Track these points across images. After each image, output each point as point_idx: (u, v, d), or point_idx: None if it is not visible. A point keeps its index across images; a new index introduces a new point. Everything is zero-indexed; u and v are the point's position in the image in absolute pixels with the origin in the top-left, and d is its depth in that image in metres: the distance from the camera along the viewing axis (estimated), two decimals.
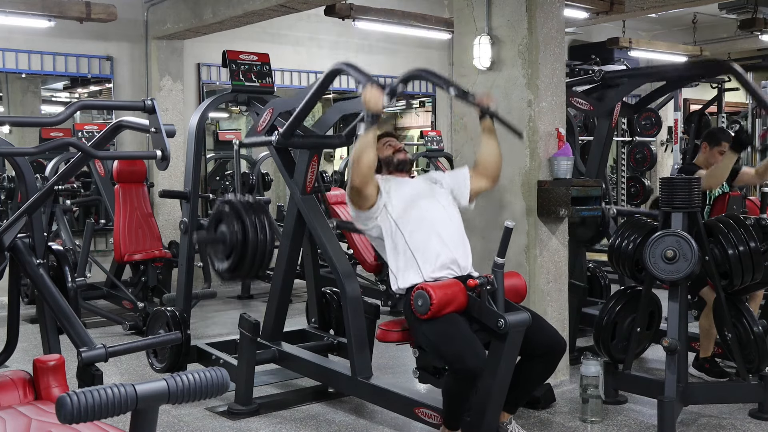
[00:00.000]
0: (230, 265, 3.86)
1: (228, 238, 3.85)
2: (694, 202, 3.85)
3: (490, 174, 3.71)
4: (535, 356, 3.32)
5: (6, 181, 7.44)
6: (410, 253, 3.43)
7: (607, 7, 7.21)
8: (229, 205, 3.88)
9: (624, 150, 9.73)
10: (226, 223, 3.88)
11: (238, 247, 3.81)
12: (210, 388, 1.51)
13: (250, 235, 3.78)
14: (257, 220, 3.81)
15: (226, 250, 3.88)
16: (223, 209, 3.91)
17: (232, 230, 3.82)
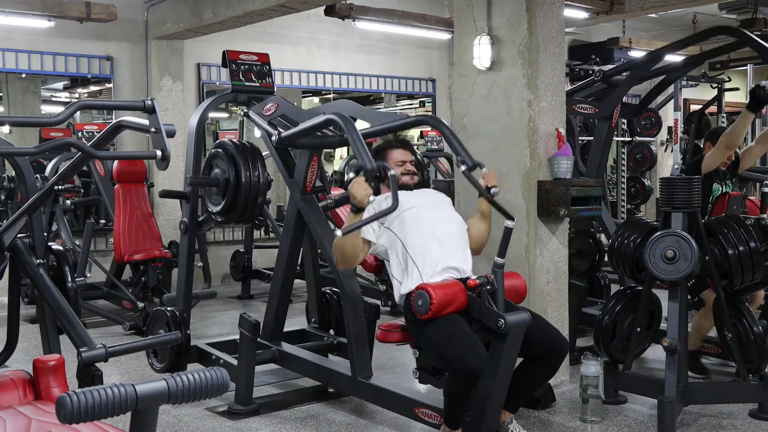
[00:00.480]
0: (224, 206, 3.88)
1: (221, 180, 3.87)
2: (694, 202, 3.85)
3: (474, 249, 3.69)
4: (537, 357, 3.32)
5: (6, 181, 7.44)
6: (410, 259, 3.43)
7: (607, 7, 7.21)
8: (222, 147, 3.90)
9: (624, 150, 9.73)
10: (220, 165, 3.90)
11: (231, 188, 3.83)
12: (210, 388, 1.51)
13: (242, 176, 3.80)
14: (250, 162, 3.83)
15: (219, 191, 3.91)
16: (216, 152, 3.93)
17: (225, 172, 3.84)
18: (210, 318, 6.76)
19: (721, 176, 4.87)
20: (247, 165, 3.86)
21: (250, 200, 3.86)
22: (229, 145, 3.92)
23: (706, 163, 4.77)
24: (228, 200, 3.87)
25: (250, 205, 3.87)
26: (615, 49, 9.83)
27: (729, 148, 4.73)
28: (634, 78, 5.27)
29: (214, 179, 3.94)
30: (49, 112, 8.73)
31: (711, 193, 4.85)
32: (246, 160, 3.87)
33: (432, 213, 3.56)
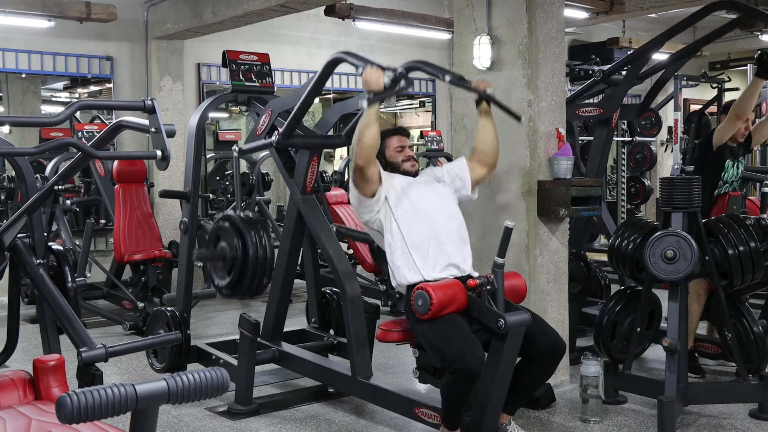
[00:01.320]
0: (230, 281, 3.88)
1: (228, 254, 3.87)
2: (694, 202, 3.85)
3: (488, 160, 3.72)
4: (534, 357, 3.32)
5: (6, 181, 7.45)
6: (408, 253, 3.43)
7: (607, 7, 7.21)
8: (229, 221, 3.90)
9: (624, 150, 9.73)
10: (226, 239, 3.90)
11: (238, 263, 3.82)
12: (210, 388, 1.51)
13: (250, 252, 3.80)
14: (257, 236, 3.83)
15: (226, 266, 3.90)
16: (222, 225, 3.93)
17: (232, 246, 3.84)
18: (210, 318, 6.76)
19: (735, 152, 4.89)
20: (254, 241, 3.84)
21: (257, 277, 3.85)
22: (237, 219, 3.90)
23: (718, 134, 4.81)
24: (235, 275, 3.86)
25: (257, 281, 3.87)
26: (615, 49, 9.83)
27: (739, 118, 4.77)
28: (633, 74, 5.26)
29: (221, 253, 3.92)
30: (49, 112, 8.73)
31: (724, 170, 4.86)
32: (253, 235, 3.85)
33: (433, 208, 3.54)
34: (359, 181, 3.48)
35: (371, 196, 3.49)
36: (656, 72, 5.62)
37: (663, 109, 10.13)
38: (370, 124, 3.35)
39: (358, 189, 3.51)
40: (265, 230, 3.94)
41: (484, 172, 3.74)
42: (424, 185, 3.65)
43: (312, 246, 4.72)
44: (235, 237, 3.86)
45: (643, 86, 7.32)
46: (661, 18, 10.48)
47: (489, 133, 3.68)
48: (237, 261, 3.84)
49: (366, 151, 3.38)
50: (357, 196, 3.54)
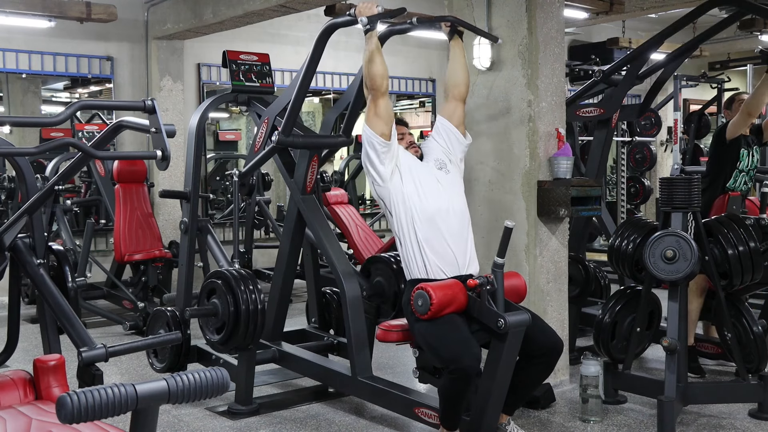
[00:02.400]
0: (222, 337, 3.92)
1: (220, 311, 3.90)
2: (694, 202, 3.85)
3: (459, 92, 3.75)
4: (533, 357, 3.32)
5: (6, 181, 7.44)
6: (419, 248, 3.42)
7: (607, 7, 7.21)
8: (222, 279, 3.93)
9: (624, 150, 9.73)
10: (218, 296, 3.92)
11: (230, 321, 3.85)
12: (210, 388, 1.52)
13: (241, 309, 3.83)
14: (247, 292, 3.86)
15: (218, 321, 3.93)
16: (214, 282, 3.96)
17: (224, 304, 3.86)
18: None
19: (749, 142, 4.93)
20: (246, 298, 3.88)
21: (249, 329, 3.89)
22: (228, 276, 3.93)
23: (731, 130, 4.88)
24: (227, 330, 3.90)
25: (249, 334, 3.90)
26: (615, 49, 9.83)
27: (751, 116, 4.87)
28: (632, 74, 5.26)
29: (213, 309, 3.96)
30: (49, 112, 8.73)
31: (739, 159, 4.88)
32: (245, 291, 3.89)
33: (441, 205, 3.50)
34: (372, 117, 3.48)
35: (383, 137, 3.47)
36: (656, 71, 5.62)
37: (663, 109, 10.13)
38: (374, 54, 3.47)
39: (370, 127, 3.48)
40: (255, 284, 3.95)
41: (461, 107, 3.76)
42: (429, 176, 3.57)
43: (312, 246, 4.73)
44: (226, 294, 3.90)
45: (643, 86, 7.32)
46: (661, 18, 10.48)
47: (459, 63, 3.76)
48: (229, 318, 3.87)
49: (376, 79, 3.48)
50: (369, 136, 3.48)
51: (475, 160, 4.47)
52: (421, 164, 3.63)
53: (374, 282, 4.18)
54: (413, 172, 3.54)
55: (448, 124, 3.70)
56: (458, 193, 3.62)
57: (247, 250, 7.72)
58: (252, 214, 7.58)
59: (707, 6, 5.01)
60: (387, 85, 3.52)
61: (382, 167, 3.50)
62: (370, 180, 3.61)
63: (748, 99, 4.88)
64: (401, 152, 3.59)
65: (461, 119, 3.73)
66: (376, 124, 3.48)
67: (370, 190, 3.73)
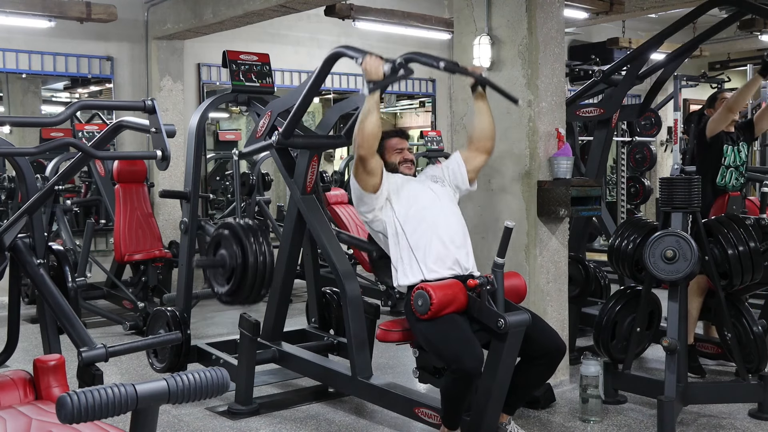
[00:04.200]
0: (230, 288, 3.89)
1: (228, 262, 3.87)
2: (694, 202, 3.85)
3: (485, 146, 3.72)
4: (534, 358, 3.32)
5: (6, 181, 7.45)
6: (412, 252, 3.44)
7: (607, 7, 7.21)
8: (229, 228, 3.90)
9: (624, 150, 9.73)
10: (226, 246, 3.90)
11: (238, 271, 3.83)
12: (210, 388, 1.52)
13: (250, 259, 3.80)
14: (257, 243, 3.83)
15: (225, 273, 3.91)
16: (222, 233, 3.93)
17: (232, 254, 3.84)
18: (210, 318, 6.76)
19: (733, 138, 4.91)
20: (254, 248, 3.85)
21: (257, 282, 3.85)
22: (237, 227, 3.91)
23: (710, 126, 4.87)
24: (235, 282, 3.87)
25: (257, 287, 3.87)
26: (615, 50, 9.83)
27: (732, 112, 4.84)
28: (632, 73, 5.26)
29: (221, 260, 3.93)
30: (49, 112, 8.73)
31: (723, 155, 4.88)
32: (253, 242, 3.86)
33: (434, 206, 3.54)
34: (361, 174, 3.47)
35: (373, 191, 3.48)
36: (656, 71, 5.62)
37: (663, 109, 10.13)
38: (371, 112, 3.37)
39: (359, 183, 3.50)
40: (265, 237, 3.93)
41: (482, 159, 3.74)
42: (421, 185, 3.67)
43: (312, 246, 4.73)
44: (234, 244, 3.87)
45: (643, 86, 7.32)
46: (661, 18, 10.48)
47: (485, 117, 3.69)
48: (237, 269, 3.85)
49: (368, 140, 3.39)
50: (358, 192, 3.53)
51: None
52: (413, 180, 3.67)
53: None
54: (405, 192, 3.57)
55: (462, 167, 3.70)
56: (452, 200, 3.67)
57: None
58: (252, 214, 7.58)
59: (707, 6, 5.01)
60: (377, 145, 3.48)
61: (371, 214, 3.54)
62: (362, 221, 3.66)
63: (732, 96, 4.86)
64: (390, 180, 3.57)
65: (477, 168, 3.73)
66: (365, 181, 3.48)
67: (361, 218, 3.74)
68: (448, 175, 3.72)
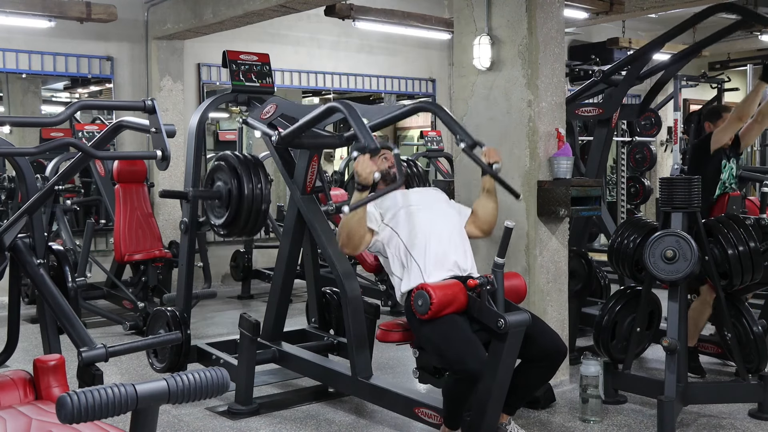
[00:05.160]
0: (226, 219, 3.88)
1: (224, 193, 3.86)
2: (694, 202, 3.85)
3: (485, 229, 3.74)
4: (534, 360, 3.32)
5: (6, 181, 7.44)
6: (410, 255, 3.44)
7: (607, 7, 7.21)
8: (224, 160, 3.90)
9: (624, 150, 9.73)
10: (222, 178, 3.90)
11: (233, 200, 3.82)
12: (210, 388, 1.52)
13: (245, 189, 3.80)
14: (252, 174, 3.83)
15: (222, 204, 3.90)
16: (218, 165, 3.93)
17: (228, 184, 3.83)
18: (210, 318, 6.76)
19: (727, 153, 4.88)
20: (249, 177, 3.86)
21: (252, 213, 3.86)
22: (231, 158, 3.92)
23: (717, 137, 4.79)
24: (231, 213, 3.87)
25: (252, 218, 3.87)
26: (615, 50, 9.83)
27: (741, 120, 4.81)
28: (632, 75, 5.26)
29: (217, 192, 3.93)
30: (49, 112, 8.73)
31: (721, 170, 4.85)
32: (248, 172, 3.87)
33: (429, 211, 3.58)
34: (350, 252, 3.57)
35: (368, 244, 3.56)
36: (656, 73, 5.62)
37: (663, 109, 10.13)
38: (356, 224, 3.41)
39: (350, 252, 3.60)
40: (262, 169, 3.94)
41: (478, 234, 3.76)
42: (416, 193, 3.74)
43: (312, 246, 4.73)
44: (230, 175, 3.87)
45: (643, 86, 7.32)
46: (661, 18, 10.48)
47: (490, 210, 3.70)
48: (232, 199, 3.85)
49: (353, 241, 3.46)
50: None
51: None
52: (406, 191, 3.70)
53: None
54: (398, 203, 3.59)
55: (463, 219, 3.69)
56: (448, 203, 3.70)
57: (247, 250, 7.72)
58: None
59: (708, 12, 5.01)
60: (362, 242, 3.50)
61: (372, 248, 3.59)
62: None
63: (740, 104, 4.83)
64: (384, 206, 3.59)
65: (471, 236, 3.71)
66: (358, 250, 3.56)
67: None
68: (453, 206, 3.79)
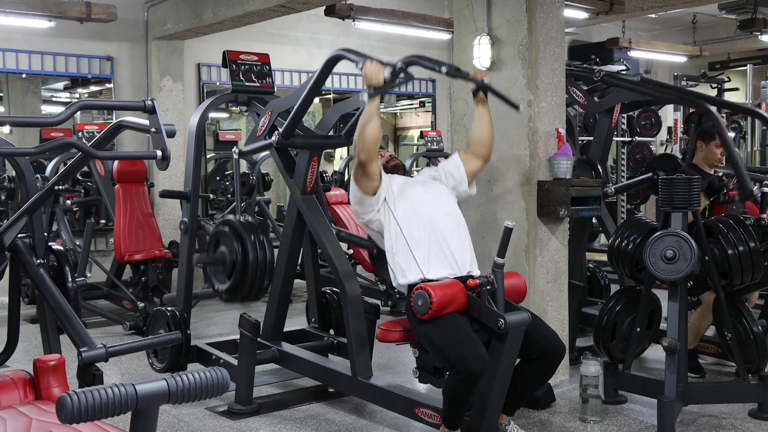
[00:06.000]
0: (230, 285, 3.89)
1: (228, 259, 3.87)
2: (694, 202, 3.85)
3: (482, 151, 3.72)
4: (533, 360, 3.32)
5: (6, 181, 7.45)
6: (410, 252, 3.43)
7: (607, 7, 7.21)
8: (229, 225, 3.91)
9: (624, 150, 9.73)
10: (226, 243, 3.90)
11: (238, 267, 3.83)
12: (210, 388, 1.52)
13: (250, 256, 3.80)
14: (257, 240, 3.84)
15: (226, 270, 3.91)
16: (222, 230, 3.94)
17: (232, 251, 3.84)
18: (210, 318, 6.76)
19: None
20: (254, 245, 3.85)
21: (257, 281, 3.86)
22: (236, 224, 3.92)
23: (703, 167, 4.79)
24: (235, 280, 3.87)
25: (257, 285, 3.87)
26: (615, 50, 9.84)
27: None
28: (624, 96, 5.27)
29: (221, 257, 3.93)
30: (49, 112, 8.73)
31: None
32: (253, 239, 3.86)
33: (432, 206, 3.55)
34: (360, 178, 3.48)
35: (372, 194, 3.49)
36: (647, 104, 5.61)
37: (663, 109, 10.12)
38: (372, 118, 3.36)
39: (359, 186, 3.50)
40: (265, 233, 3.94)
41: (479, 164, 3.74)
42: (421, 184, 3.68)
43: (312, 246, 4.73)
44: (234, 241, 3.87)
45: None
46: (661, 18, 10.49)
47: (484, 123, 3.69)
48: (237, 265, 3.85)
49: (368, 145, 3.39)
50: (357, 195, 3.54)
51: None
52: (410, 181, 3.68)
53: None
54: (406, 191, 3.58)
55: (461, 168, 3.70)
56: (450, 198, 3.66)
57: None
58: (252, 214, 7.59)
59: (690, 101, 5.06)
60: (377, 150, 3.49)
61: (369, 216, 3.55)
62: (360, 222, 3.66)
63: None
64: (391, 182, 3.60)
65: (474, 172, 3.72)
66: (365, 185, 3.49)
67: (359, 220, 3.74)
68: (445, 176, 3.72)
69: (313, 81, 3.83)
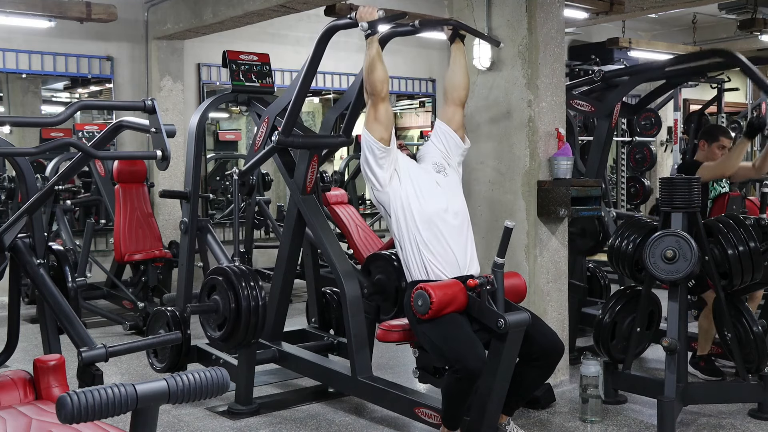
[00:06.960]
0: (223, 334, 3.90)
1: (221, 308, 3.88)
2: (694, 202, 3.85)
3: (458, 96, 3.73)
4: (532, 359, 3.32)
5: (6, 181, 7.45)
6: (413, 250, 3.43)
7: (607, 8, 7.20)
8: (223, 275, 3.92)
9: (624, 150, 9.74)
10: (219, 292, 3.91)
11: (231, 317, 3.84)
12: (210, 388, 1.52)
13: (242, 307, 3.81)
14: (249, 289, 3.84)
15: (218, 318, 3.92)
16: (215, 279, 3.94)
17: (225, 300, 3.85)
18: None
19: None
20: (246, 295, 3.86)
21: (250, 328, 3.87)
22: (229, 273, 3.92)
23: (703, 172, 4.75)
24: (228, 329, 3.88)
25: (250, 333, 3.89)
26: (615, 50, 9.83)
27: (724, 175, 4.78)
28: (633, 83, 5.26)
29: (214, 306, 3.94)
30: (49, 112, 8.73)
31: (710, 190, 4.86)
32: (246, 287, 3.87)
33: (440, 206, 3.50)
34: (372, 122, 3.48)
35: (385, 143, 3.48)
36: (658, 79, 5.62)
37: (663, 109, 10.13)
38: (374, 58, 3.48)
39: (370, 131, 3.48)
40: (257, 281, 3.93)
41: (459, 113, 3.73)
42: (428, 178, 3.58)
43: (312, 246, 4.73)
44: (227, 290, 3.88)
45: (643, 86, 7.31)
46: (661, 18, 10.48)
47: (458, 67, 3.74)
48: (229, 315, 3.86)
49: (376, 85, 3.47)
50: (370, 142, 3.48)
51: (475, 160, 4.48)
52: (419, 167, 3.64)
53: (375, 280, 4.17)
54: (412, 175, 3.55)
55: (447, 128, 3.70)
56: (457, 194, 3.62)
57: (247, 250, 7.72)
58: (252, 214, 7.58)
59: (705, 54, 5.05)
60: (387, 90, 3.52)
61: (380, 171, 3.50)
62: (369, 185, 3.62)
63: (725, 161, 4.68)
64: (400, 156, 3.60)
65: (460, 123, 3.72)
66: (375, 129, 3.49)
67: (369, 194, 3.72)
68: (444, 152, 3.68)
69: (309, 62, 3.83)
